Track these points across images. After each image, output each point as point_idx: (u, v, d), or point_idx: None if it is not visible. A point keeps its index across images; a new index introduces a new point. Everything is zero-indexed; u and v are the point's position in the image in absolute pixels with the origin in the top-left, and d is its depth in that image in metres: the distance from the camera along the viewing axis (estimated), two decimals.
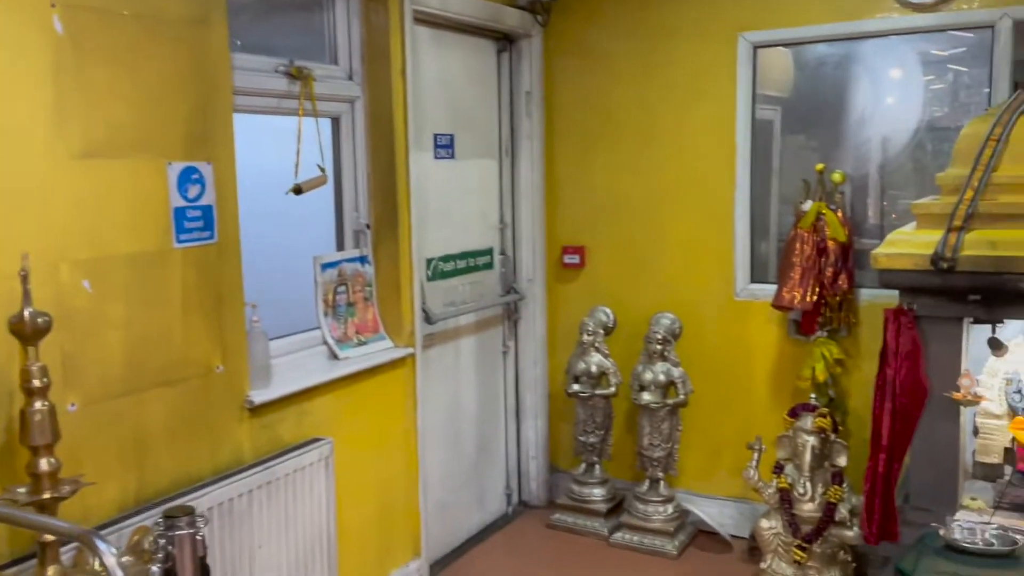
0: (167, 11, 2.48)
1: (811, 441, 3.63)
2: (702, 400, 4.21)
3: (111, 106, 2.34)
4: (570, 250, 4.51)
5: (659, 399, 4.08)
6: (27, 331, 1.98)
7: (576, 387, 4.27)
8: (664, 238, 4.30)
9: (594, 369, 4.26)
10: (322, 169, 3.16)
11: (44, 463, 2.01)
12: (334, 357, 3.28)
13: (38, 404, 2.01)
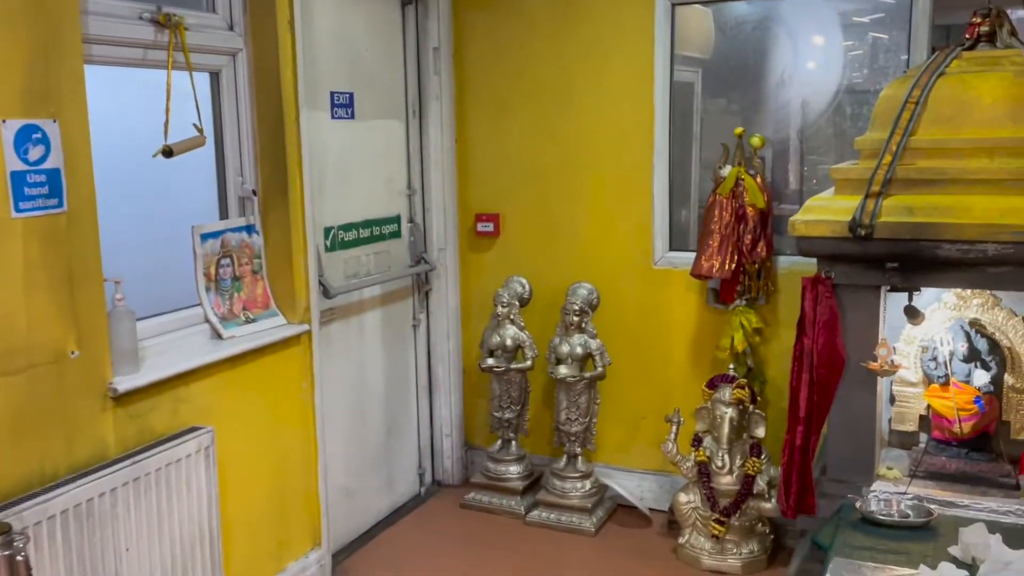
0: None
1: (729, 413, 3.53)
2: (620, 372, 4.07)
3: None
4: (484, 218, 4.29)
5: (576, 372, 3.92)
6: None
7: (491, 361, 4.08)
8: (581, 205, 4.11)
9: (509, 342, 4.07)
10: (199, 129, 2.87)
11: None
12: (218, 336, 3.01)
13: None
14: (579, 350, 3.93)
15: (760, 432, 3.58)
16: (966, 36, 3.04)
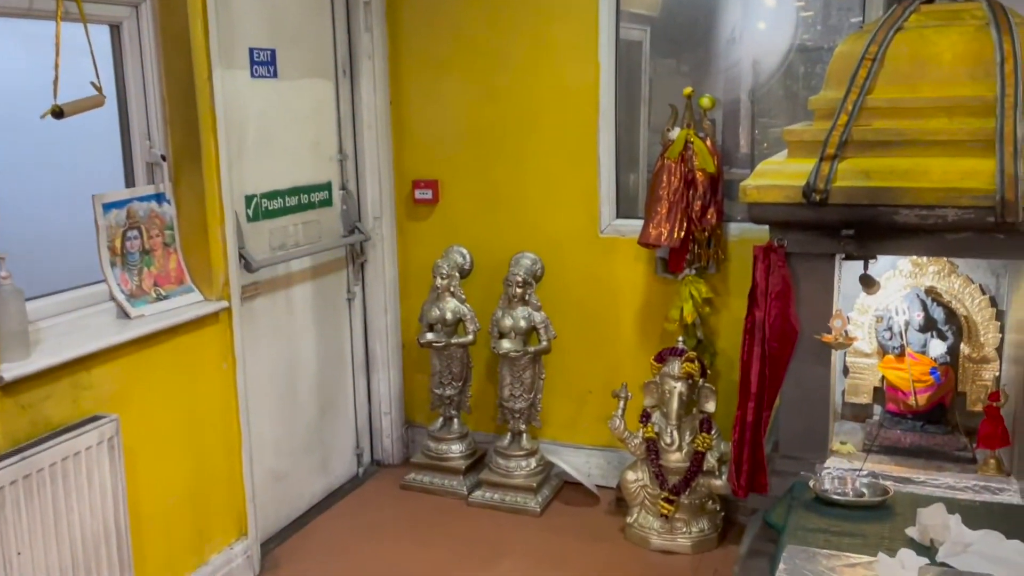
0: None
1: (678, 387, 3.39)
2: (566, 346, 3.90)
3: None
4: (421, 184, 4.06)
5: (520, 347, 3.74)
6: None
7: (430, 336, 3.88)
8: (524, 170, 3.90)
9: (449, 316, 3.87)
10: (98, 88, 2.59)
11: None
12: (125, 316, 2.76)
13: None
14: (523, 323, 3.75)
15: (710, 407, 3.44)
16: None
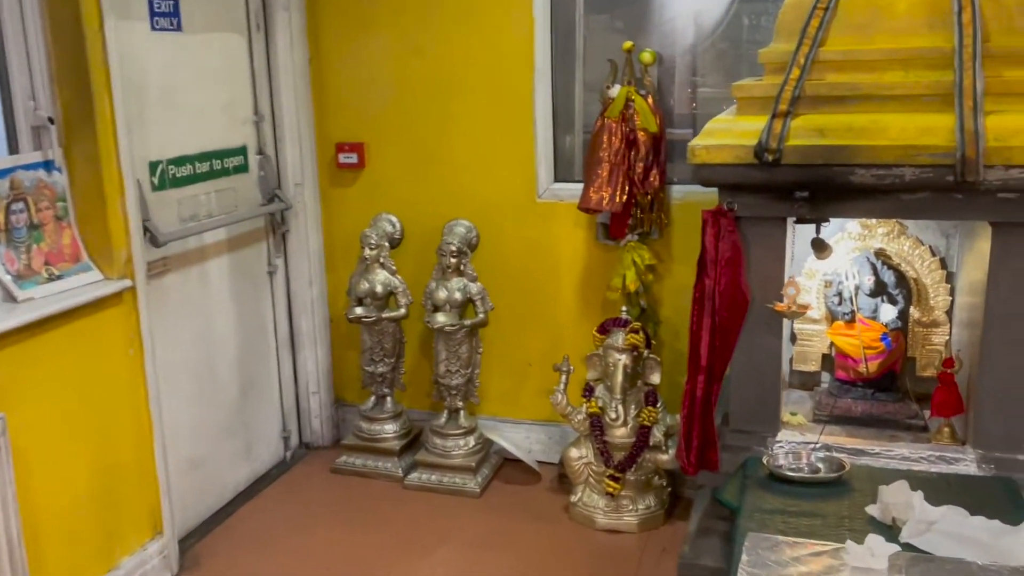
0: None
1: (623, 360, 3.23)
2: (504, 318, 3.70)
3: None
4: (346, 148, 3.78)
5: (455, 320, 3.53)
6: None
7: (359, 310, 3.63)
8: (456, 132, 3.66)
9: (380, 289, 3.63)
10: None
11: None
12: (11, 299, 2.45)
13: None
14: (458, 295, 3.53)
15: (655, 379, 3.30)
16: None
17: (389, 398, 3.79)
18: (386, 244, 3.63)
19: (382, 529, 3.35)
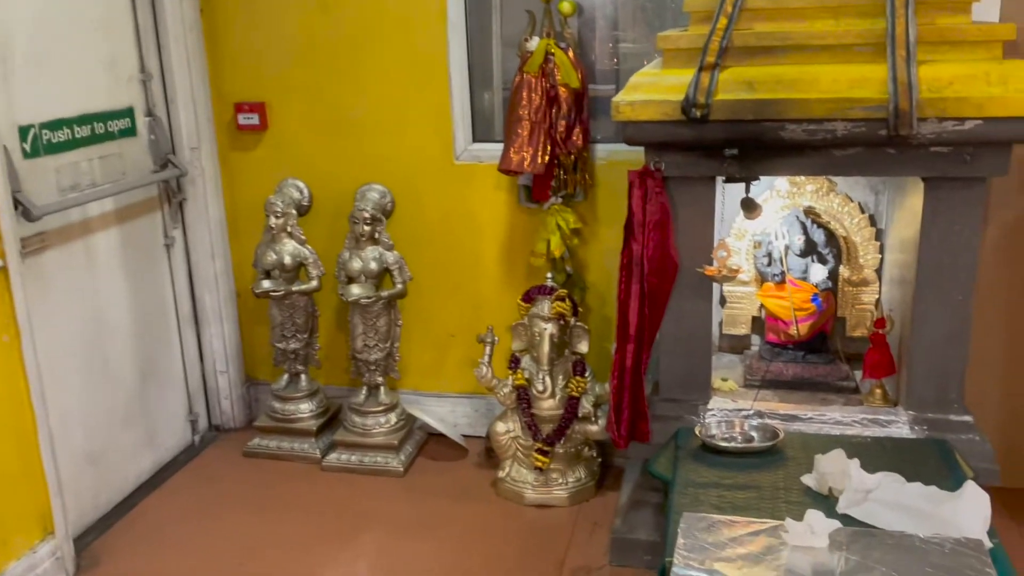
0: None
1: (549, 329, 3.08)
2: (424, 287, 3.51)
3: None
4: (245, 108, 3.50)
5: (372, 292, 3.32)
6: None
7: (267, 284, 3.39)
8: (367, 90, 3.42)
9: (288, 260, 3.39)
10: None
11: None
12: None
13: None
14: (373, 265, 3.32)
15: (583, 348, 3.16)
16: None
17: (303, 376, 3.57)
18: (293, 212, 3.38)
19: (299, 515, 3.16)
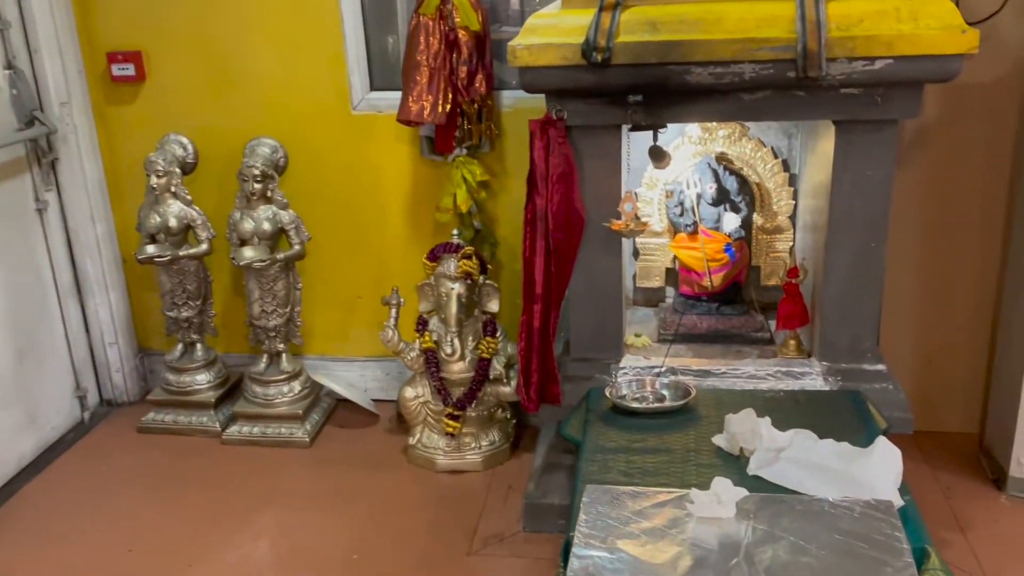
0: None
1: (456, 289, 2.93)
2: (325, 247, 3.32)
3: None
4: (119, 58, 3.21)
5: (266, 255, 3.11)
6: None
7: (152, 249, 3.14)
8: (253, 34, 3.16)
9: (174, 222, 3.15)
10: None
11: None
12: None
13: None
14: (267, 226, 3.11)
15: (494, 307, 3.02)
16: None
17: (199, 345, 3.36)
18: (177, 170, 3.13)
19: (196, 493, 2.98)
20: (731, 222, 2.83)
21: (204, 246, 3.18)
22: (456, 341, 2.95)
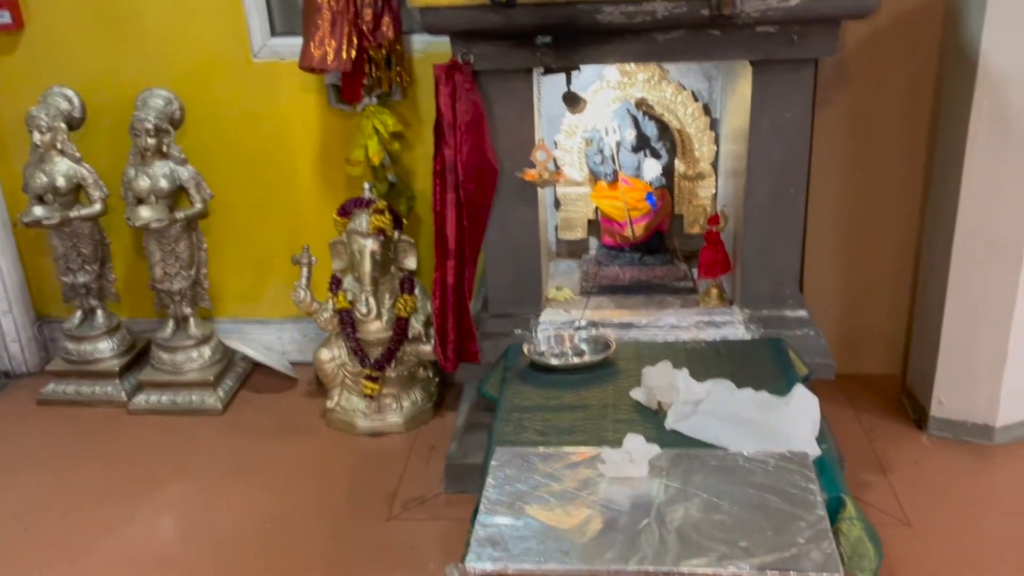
0: None
1: (369, 246, 2.80)
2: (231, 204, 3.14)
3: None
4: None
5: (164, 215, 2.92)
6: None
7: (39, 211, 2.93)
8: None
9: (62, 182, 2.94)
10: None
11: None
12: None
13: None
14: (164, 183, 2.91)
15: (411, 263, 2.90)
16: None
17: (100, 311, 3.17)
18: (63, 125, 2.91)
19: (101, 466, 2.82)
20: (652, 169, 2.74)
21: (97, 206, 2.98)
22: (371, 300, 2.83)
